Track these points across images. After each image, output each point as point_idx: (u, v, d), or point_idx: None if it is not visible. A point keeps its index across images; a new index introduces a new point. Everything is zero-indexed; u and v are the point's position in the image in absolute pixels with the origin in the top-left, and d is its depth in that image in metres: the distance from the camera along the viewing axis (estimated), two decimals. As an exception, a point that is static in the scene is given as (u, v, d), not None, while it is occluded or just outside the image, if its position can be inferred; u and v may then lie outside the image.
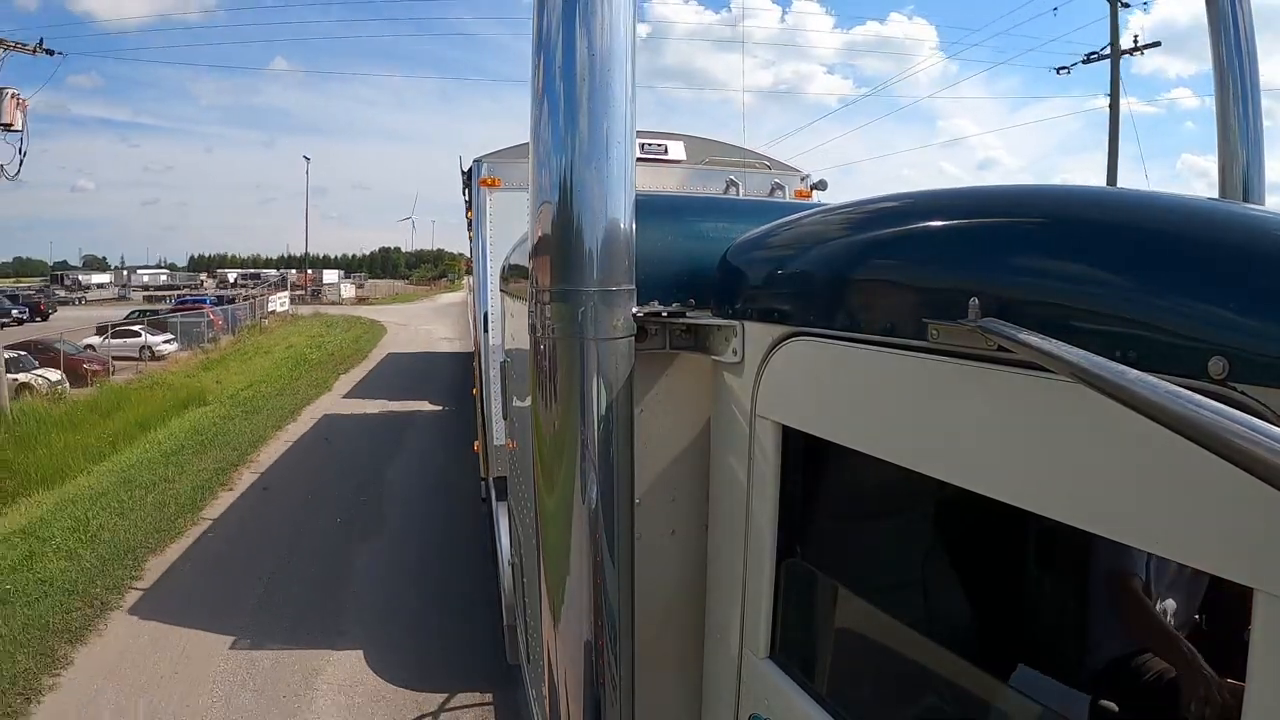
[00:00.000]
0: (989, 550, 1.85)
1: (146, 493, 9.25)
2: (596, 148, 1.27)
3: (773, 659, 1.52)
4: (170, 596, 6.56)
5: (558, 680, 1.42)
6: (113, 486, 9.52)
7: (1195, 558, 0.89)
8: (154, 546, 7.62)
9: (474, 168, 5.89)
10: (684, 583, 1.71)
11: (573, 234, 1.28)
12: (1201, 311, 0.84)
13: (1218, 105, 2.75)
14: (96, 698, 5.01)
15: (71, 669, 5.37)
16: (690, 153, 6.19)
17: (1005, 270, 1.04)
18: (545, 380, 1.33)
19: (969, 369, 1.04)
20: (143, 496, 9.12)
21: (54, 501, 9.02)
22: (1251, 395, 0.78)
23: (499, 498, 5.32)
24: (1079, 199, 1.08)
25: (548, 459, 1.35)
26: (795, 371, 1.41)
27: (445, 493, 9.28)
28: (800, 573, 1.50)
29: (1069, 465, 0.94)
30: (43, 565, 7.00)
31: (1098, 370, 0.80)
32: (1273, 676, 0.77)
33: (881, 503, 1.75)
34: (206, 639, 5.76)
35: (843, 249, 1.35)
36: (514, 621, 4.25)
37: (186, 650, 5.61)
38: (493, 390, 5.21)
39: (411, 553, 7.49)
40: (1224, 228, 0.94)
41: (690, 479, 1.67)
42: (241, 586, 6.68)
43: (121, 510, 8.62)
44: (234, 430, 12.48)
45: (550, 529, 1.38)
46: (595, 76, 1.25)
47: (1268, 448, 0.64)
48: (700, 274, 1.60)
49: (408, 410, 14.25)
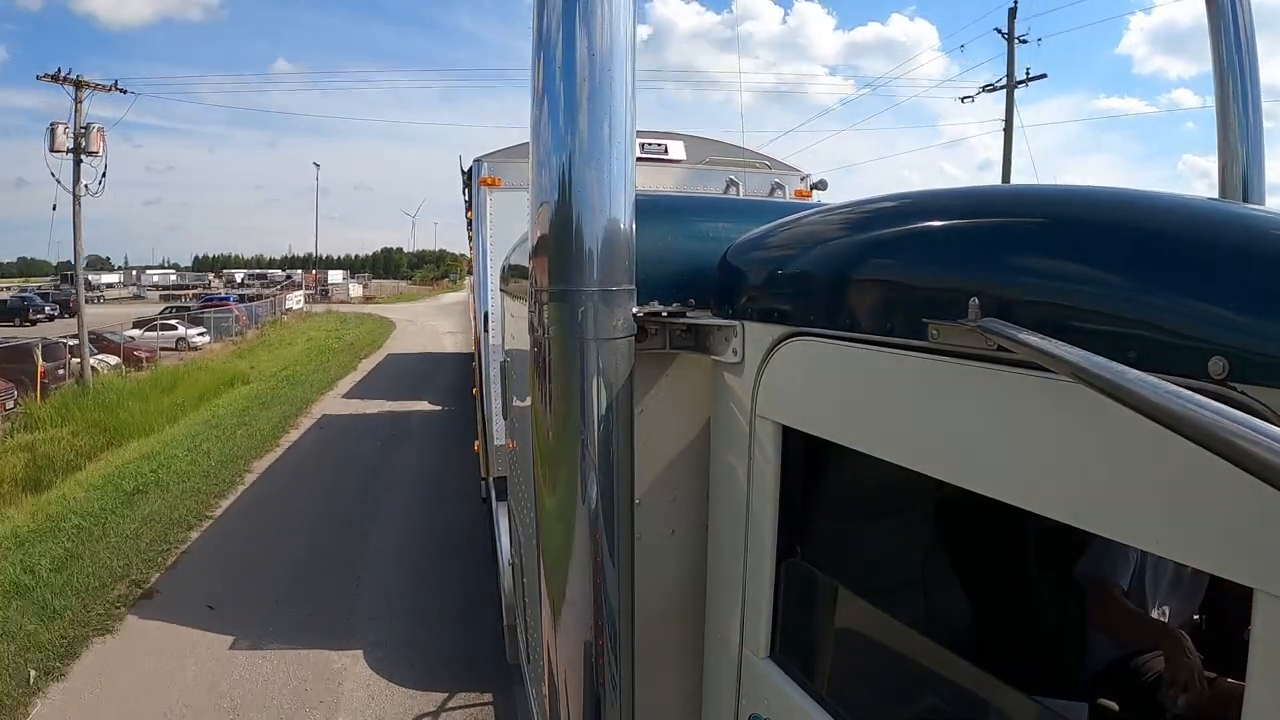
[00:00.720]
0: (989, 550, 1.86)
1: (234, 430, 12.52)
2: (597, 147, 1.26)
3: (773, 659, 1.52)
4: (273, 479, 10.12)
5: (558, 680, 1.41)
6: (204, 429, 12.82)
7: (1195, 558, 0.89)
8: (253, 456, 11.05)
9: (474, 167, 5.89)
10: (684, 583, 1.71)
11: (573, 234, 1.28)
12: (1201, 311, 0.84)
13: (1218, 105, 2.75)
14: (242, 515, 8.76)
15: (222, 508, 8.95)
16: (690, 152, 6.18)
17: (1005, 270, 1.04)
18: (545, 380, 1.33)
19: (969, 369, 1.04)
20: (232, 432, 12.39)
21: (159, 440, 12.21)
22: (1251, 395, 0.78)
23: (499, 498, 5.33)
24: (1079, 199, 1.08)
25: (548, 459, 1.35)
26: (795, 371, 1.41)
27: (453, 419, 13.14)
28: (800, 573, 1.50)
29: (1069, 465, 0.94)
30: (178, 468, 10.34)
31: (1098, 370, 0.80)
32: (1273, 676, 0.77)
33: (881, 503, 1.75)
34: (301, 500, 9.18)
35: (843, 249, 1.35)
36: (514, 621, 4.25)
37: (291, 503, 9.06)
38: (492, 390, 5.21)
39: (430, 459, 10.89)
40: (1224, 227, 0.94)
41: (690, 479, 1.67)
42: (315, 479, 9.99)
43: (221, 439, 11.93)
44: (285, 395, 15.92)
45: (550, 529, 1.38)
46: (595, 76, 1.25)
47: (1268, 448, 0.64)
48: (700, 274, 1.60)
49: (426, 375, 18.74)
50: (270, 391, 16.39)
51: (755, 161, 6.30)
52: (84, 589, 6.58)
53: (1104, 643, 2.00)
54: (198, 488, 9.49)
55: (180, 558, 7.42)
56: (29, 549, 7.42)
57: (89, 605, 6.31)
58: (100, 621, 6.05)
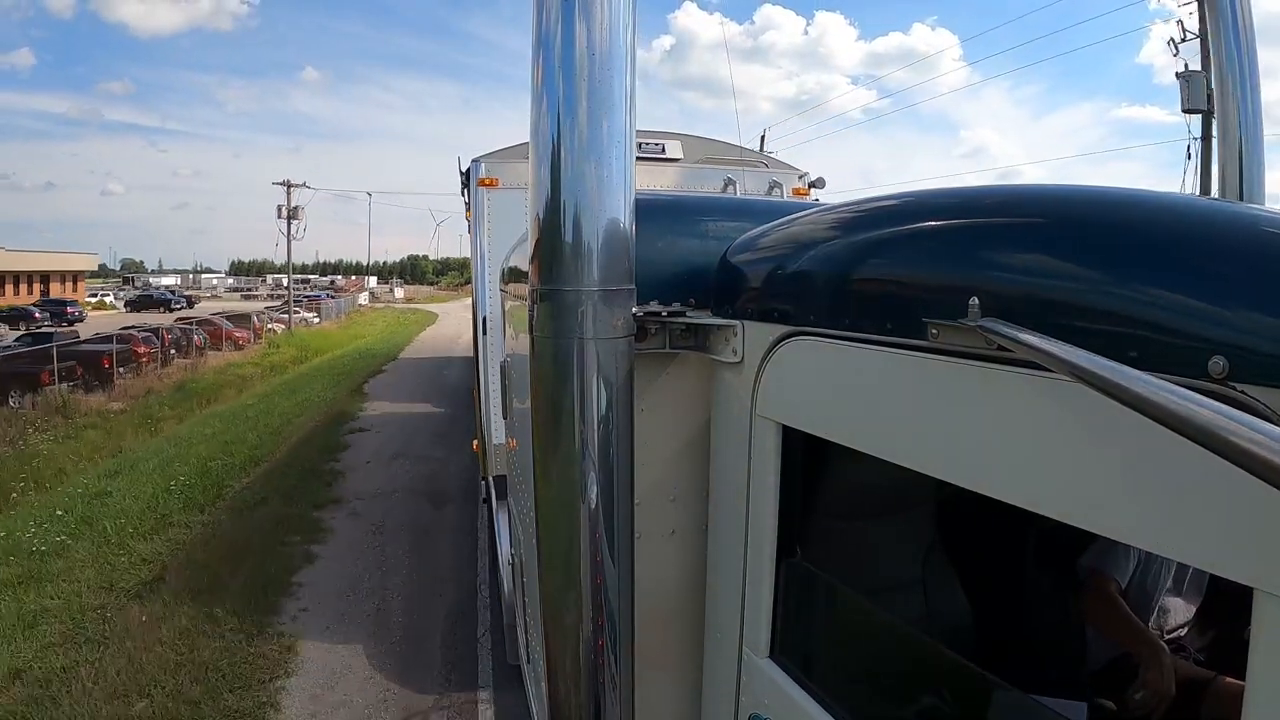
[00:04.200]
0: (988, 550, 1.86)
1: (373, 353, 24.71)
2: (596, 146, 1.26)
3: (773, 658, 1.52)
4: (394, 367, 21.45)
5: (557, 680, 1.41)
6: (358, 354, 24.60)
7: (1195, 557, 0.89)
8: (383, 362, 22.34)
9: (472, 168, 5.88)
10: (684, 583, 1.71)
11: (572, 234, 1.28)
12: (1201, 311, 0.83)
13: (1218, 105, 2.75)
14: (390, 372, 20.55)
15: (380, 373, 20.01)
16: (687, 151, 6.18)
17: (1005, 270, 1.04)
18: (545, 380, 1.33)
19: (969, 369, 1.04)
20: (373, 359, 23.13)
21: (336, 353, 24.94)
22: (1251, 395, 0.78)
23: (499, 497, 5.32)
24: (1078, 198, 1.08)
25: (548, 459, 1.35)
26: (795, 371, 1.41)
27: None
28: (800, 572, 1.50)
29: (1069, 465, 0.94)
30: (357, 363, 21.97)
31: (1098, 370, 0.80)
32: (1273, 676, 0.77)
33: (881, 502, 1.75)
34: (410, 369, 21.00)
35: (842, 248, 1.35)
36: (514, 621, 4.25)
37: (406, 369, 21.00)
38: (491, 392, 5.21)
39: (459, 370, 18.47)
40: (1224, 227, 0.94)
41: (690, 479, 1.67)
42: (412, 369, 20.93)
43: (368, 357, 23.43)
44: (389, 343, 28.52)
45: (550, 529, 1.37)
46: (595, 74, 1.25)
47: (1268, 448, 0.64)
48: (700, 274, 1.60)
49: (459, 338, 27.45)
50: (381, 342, 29.22)
51: (753, 160, 6.30)
52: (349, 381, 17.94)
53: (1103, 642, 2.01)
54: (369, 366, 21.02)
55: (370, 382, 18.20)
56: (313, 375, 19.43)
57: (355, 382, 17.83)
58: (358, 385, 17.39)
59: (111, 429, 12.49)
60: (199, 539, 7.44)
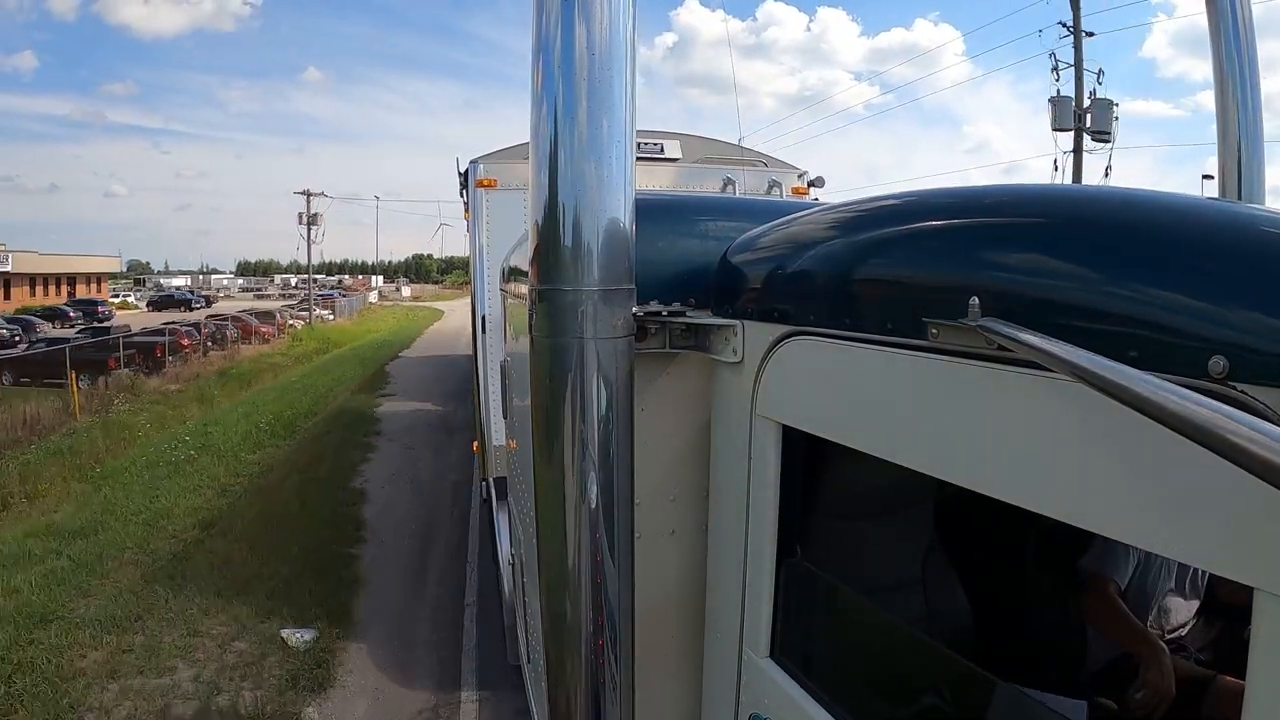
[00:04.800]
0: (988, 549, 1.85)
1: (389, 343, 28.36)
2: (596, 146, 1.26)
3: (773, 658, 1.52)
4: (409, 353, 25.59)
5: (558, 680, 1.41)
6: (375, 344, 28.09)
7: (1195, 557, 0.89)
8: (399, 349, 26.52)
9: (470, 169, 5.87)
10: (684, 583, 1.71)
11: (572, 234, 1.27)
12: (1201, 311, 0.83)
13: (1218, 105, 2.75)
14: (407, 356, 24.88)
15: (395, 360, 23.73)
16: (686, 151, 6.18)
17: (1005, 269, 1.04)
18: (545, 380, 1.33)
19: (969, 369, 1.04)
20: (389, 348, 26.64)
21: (357, 343, 28.71)
22: (1251, 395, 0.78)
23: (499, 497, 5.32)
24: (1078, 198, 1.08)
25: (547, 459, 1.35)
26: (795, 371, 1.41)
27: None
28: (800, 572, 1.50)
29: (1069, 464, 0.94)
30: (371, 353, 25.41)
31: (1098, 370, 0.80)
32: (1273, 676, 0.77)
33: (881, 502, 1.75)
34: (423, 354, 25.28)
35: (842, 248, 1.35)
36: (514, 621, 4.25)
37: (418, 355, 25.14)
38: (491, 393, 5.21)
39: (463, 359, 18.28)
40: (1224, 227, 0.94)
41: (690, 479, 1.67)
42: (425, 355, 24.85)
43: (381, 349, 26.64)
44: (401, 335, 32.28)
45: (550, 529, 1.37)
46: (594, 74, 1.25)
47: (1268, 447, 0.64)
48: (700, 274, 1.60)
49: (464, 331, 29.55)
50: (394, 334, 33.06)
51: (752, 159, 6.30)
52: (373, 364, 22.09)
53: (1103, 642, 2.01)
54: (386, 354, 24.28)
55: (390, 364, 22.26)
56: (340, 361, 23.17)
57: (380, 361, 23.05)
58: (381, 367, 21.70)
59: (174, 404, 15.55)
60: (290, 452, 11.57)
